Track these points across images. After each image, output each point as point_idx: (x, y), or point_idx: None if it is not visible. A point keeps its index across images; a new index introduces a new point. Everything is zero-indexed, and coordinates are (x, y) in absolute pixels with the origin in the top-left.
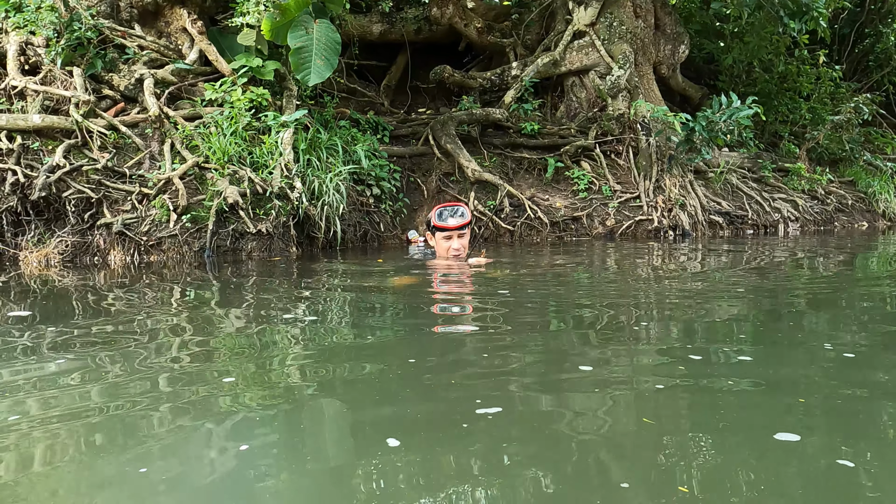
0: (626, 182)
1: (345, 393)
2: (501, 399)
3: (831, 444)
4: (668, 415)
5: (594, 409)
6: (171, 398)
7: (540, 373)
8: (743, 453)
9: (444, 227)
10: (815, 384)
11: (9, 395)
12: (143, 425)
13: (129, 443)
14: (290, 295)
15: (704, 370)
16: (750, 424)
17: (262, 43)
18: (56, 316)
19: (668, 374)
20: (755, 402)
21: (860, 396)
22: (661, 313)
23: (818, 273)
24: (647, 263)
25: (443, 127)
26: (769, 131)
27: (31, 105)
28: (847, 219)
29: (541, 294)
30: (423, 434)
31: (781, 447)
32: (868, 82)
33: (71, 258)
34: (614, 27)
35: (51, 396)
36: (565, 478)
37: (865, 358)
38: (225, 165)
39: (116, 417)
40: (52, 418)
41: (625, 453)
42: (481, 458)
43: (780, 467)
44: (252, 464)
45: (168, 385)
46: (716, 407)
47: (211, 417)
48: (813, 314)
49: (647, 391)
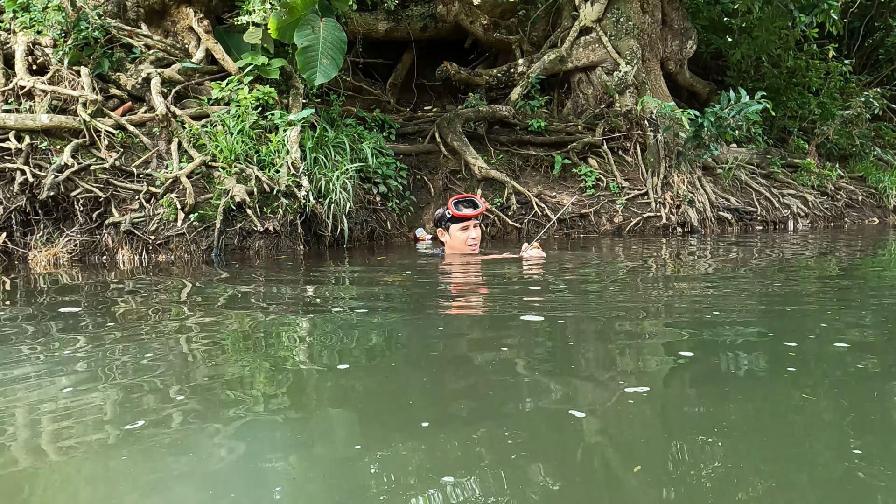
0: (634, 179)
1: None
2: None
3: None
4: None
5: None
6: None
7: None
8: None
9: (463, 216)
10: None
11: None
12: (152, 406)
13: (142, 426)
14: (297, 290)
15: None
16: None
17: (268, 41)
18: (108, 311)
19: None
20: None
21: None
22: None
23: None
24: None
25: (449, 124)
26: (778, 127)
27: (39, 105)
28: (857, 215)
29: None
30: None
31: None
32: (878, 76)
33: (79, 257)
34: (621, 23)
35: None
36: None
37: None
38: (232, 164)
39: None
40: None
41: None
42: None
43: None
44: (261, 452)
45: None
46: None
47: (220, 406)
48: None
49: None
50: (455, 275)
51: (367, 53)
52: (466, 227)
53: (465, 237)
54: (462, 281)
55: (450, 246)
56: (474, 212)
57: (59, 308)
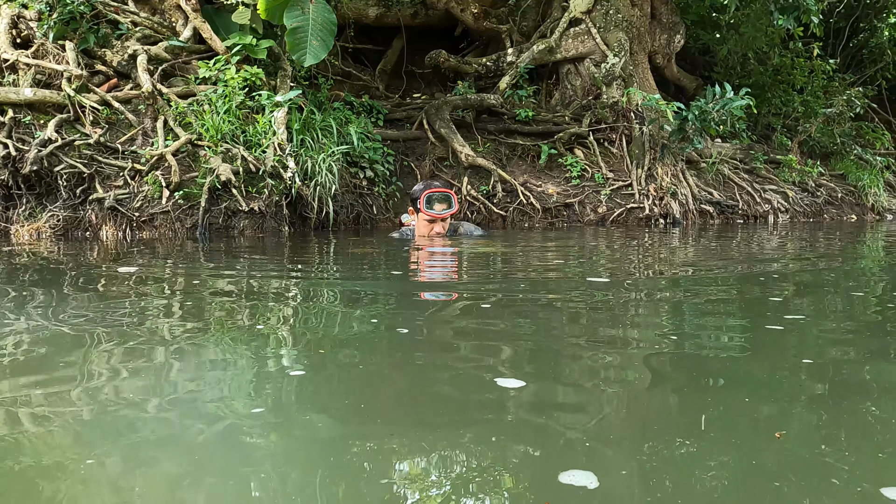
0: (619, 170)
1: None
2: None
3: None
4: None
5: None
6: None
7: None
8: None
9: (430, 215)
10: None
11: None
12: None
13: (124, 402)
14: (281, 267)
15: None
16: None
17: (256, 21)
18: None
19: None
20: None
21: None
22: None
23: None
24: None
25: (437, 112)
26: (762, 123)
27: (22, 78)
28: (836, 211)
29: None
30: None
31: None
32: (862, 76)
33: (62, 233)
34: (610, 15)
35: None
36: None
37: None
38: (218, 143)
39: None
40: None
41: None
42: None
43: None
44: (242, 429)
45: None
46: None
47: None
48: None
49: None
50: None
51: (356, 39)
52: (433, 220)
53: (429, 229)
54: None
55: (417, 226)
56: (439, 214)
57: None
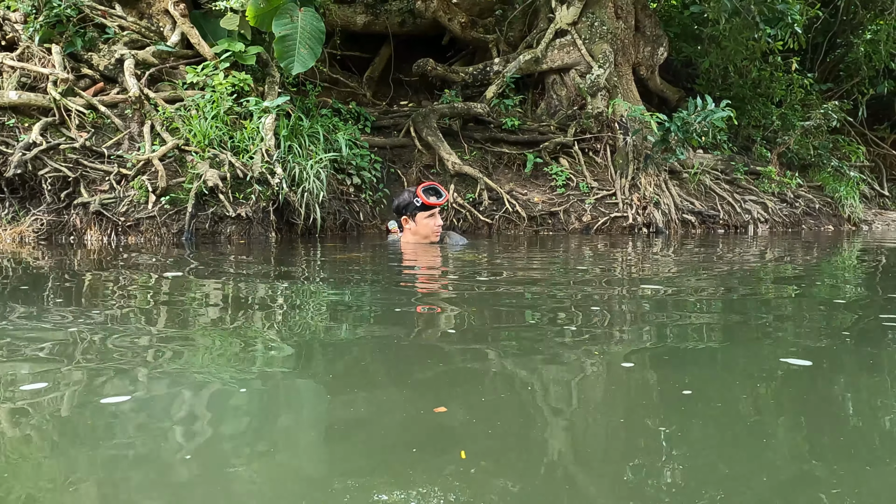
0: (603, 179)
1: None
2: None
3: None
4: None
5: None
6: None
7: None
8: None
9: (432, 204)
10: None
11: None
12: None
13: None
14: (267, 273)
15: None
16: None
17: (245, 28)
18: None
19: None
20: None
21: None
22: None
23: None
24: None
25: (424, 119)
26: (743, 135)
27: (7, 81)
28: (814, 222)
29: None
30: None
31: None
32: (839, 91)
33: (46, 237)
34: (595, 27)
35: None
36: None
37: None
38: (205, 148)
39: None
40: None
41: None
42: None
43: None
44: (225, 434)
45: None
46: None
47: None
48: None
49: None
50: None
51: (344, 46)
52: (433, 214)
53: (433, 224)
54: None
55: (414, 232)
56: (440, 200)
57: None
